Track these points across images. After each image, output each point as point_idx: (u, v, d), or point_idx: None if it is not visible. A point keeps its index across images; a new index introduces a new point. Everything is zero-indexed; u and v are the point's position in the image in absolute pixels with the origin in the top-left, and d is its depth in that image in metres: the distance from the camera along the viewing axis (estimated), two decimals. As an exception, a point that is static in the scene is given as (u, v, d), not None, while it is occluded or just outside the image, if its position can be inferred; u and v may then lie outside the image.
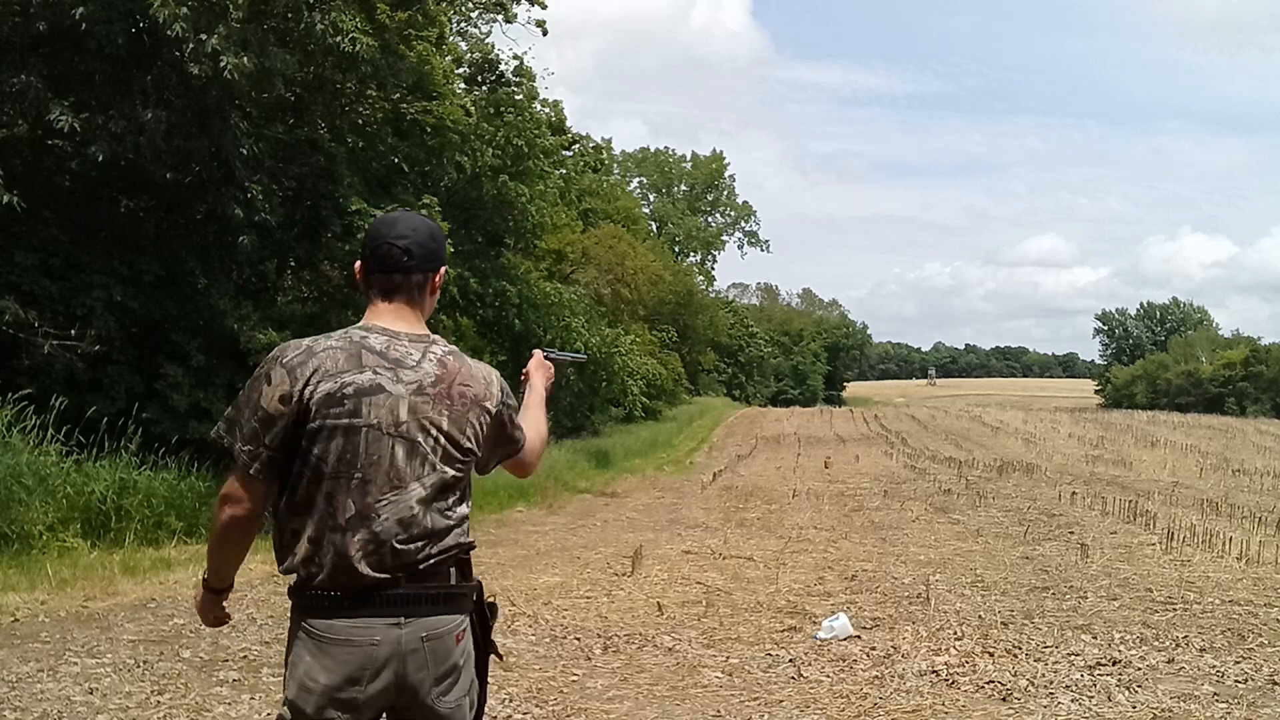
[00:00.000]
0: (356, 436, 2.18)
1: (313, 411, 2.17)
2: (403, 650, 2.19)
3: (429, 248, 2.33)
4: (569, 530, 11.43)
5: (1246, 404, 61.72)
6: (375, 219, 2.46)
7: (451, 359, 2.30)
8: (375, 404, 2.19)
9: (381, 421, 2.19)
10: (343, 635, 2.18)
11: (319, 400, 2.17)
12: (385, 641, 2.18)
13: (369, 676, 2.18)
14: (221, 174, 12.15)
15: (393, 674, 2.19)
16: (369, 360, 2.21)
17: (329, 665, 2.18)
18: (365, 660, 2.18)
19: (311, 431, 2.17)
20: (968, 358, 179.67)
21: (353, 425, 2.18)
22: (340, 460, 2.18)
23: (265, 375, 2.21)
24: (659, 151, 73.04)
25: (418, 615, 2.21)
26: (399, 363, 2.23)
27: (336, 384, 2.18)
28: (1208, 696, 5.02)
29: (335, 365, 2.20)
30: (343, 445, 2.17)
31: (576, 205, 33.89)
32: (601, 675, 5.53)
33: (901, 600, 7.42)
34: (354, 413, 2.18)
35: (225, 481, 2.28)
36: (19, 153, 11.54)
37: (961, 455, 22.55)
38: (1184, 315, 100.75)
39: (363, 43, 11.73)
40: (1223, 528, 10.85)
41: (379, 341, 2.25)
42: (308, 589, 2.22)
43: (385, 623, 2.19)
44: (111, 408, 10.68)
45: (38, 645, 5.81)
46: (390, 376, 2.21)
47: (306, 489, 2.20)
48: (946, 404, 58.45)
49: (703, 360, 54.66)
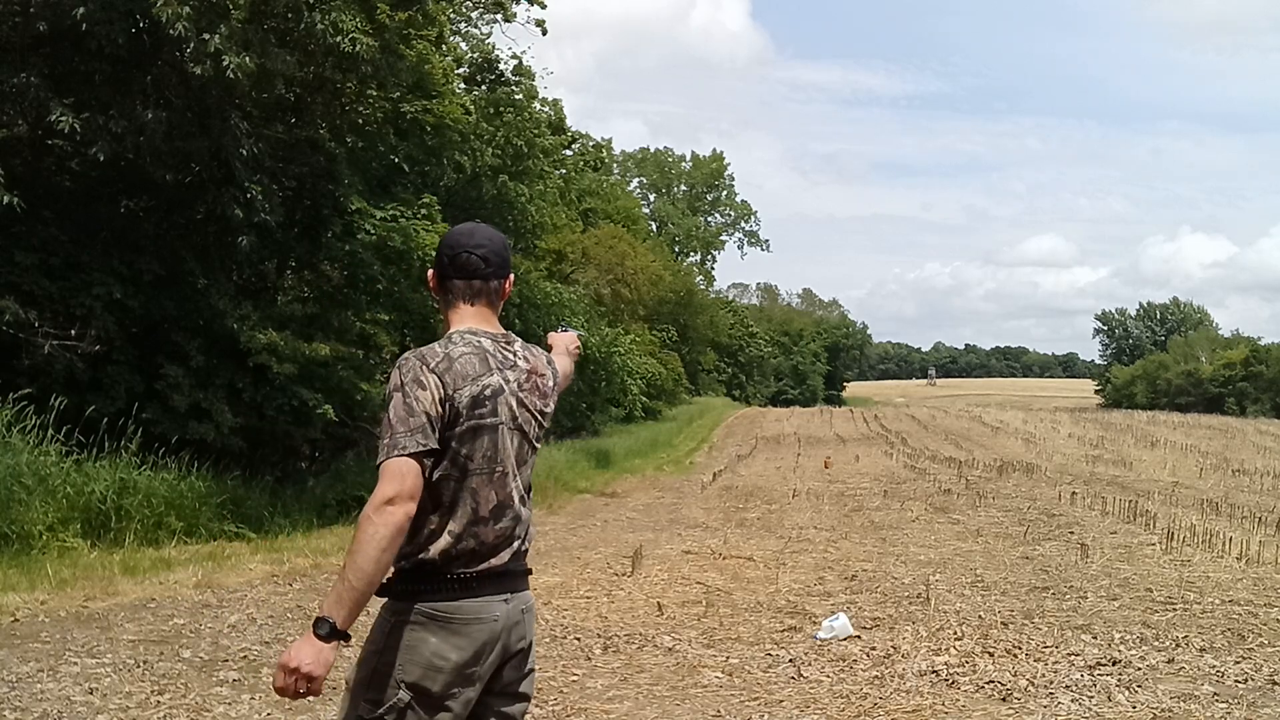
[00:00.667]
0: (496, 434, 2.38)
1: (462, 414, 2.32)
2: (509, 623, 2.40)
3: (502, 255, 2.52)
4: (569, 530, 11.42)
5: (1246, 404, 61.70)
6: (451, 230, 2.60)
7: (529, 354, 2.53)
8: (502, 402, 2.41)
9: (506, 418, 2.41)
10: (471, 614, 2.33)
11: (466, 403, 2.33)
12: (502, 617, 2.38)
13: (488, 651, 2.35)
14: (221, 174, 12.14)
15: (502, 646, 2.38)
16: (493, 363, 2.42)
17: (460, 644, 2.30)
18: (490, 636, 2.35)
19: (460, 433, 2.32)
20: (968, 358, 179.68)
21: (493, 424, 2.38)
22: (484, 457, 2.36)
23: (416, 381, 2.29)
24: (659, 151, 73.14)
25: (517, 590, 2.44)
26: (506, 363, 2.45)
27: (478, 387, 2.36)
28: (1208, 696, 5.02)
29: (473, 369, 2.37)
30: (486, 443, 2.37)
31: (576, 205, 33.89)
32: (601, 675, 5.53)
33: (901, 600, 7.42)
34: (493, 412, 2.38)
35: (383, 486, 2.21)
36: (19, 153, 11.53)
37: (961, 455, 22.55)
38: (1184, 315, 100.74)
39: (363, 43, 11.73)
40: (1223, 528, 10.84)
41: (489, 344, 2.44)
42: (435, 575, 2.31)
43: (499, 599, 2.38)
44: (111, 408, 10.67)
45: (38, 645, 5.81)
46: (503, 377, 2.43)
47: (452, 487, 2.33)
48: (946, 404, 58.46)
49: (703, 360, 54.68)
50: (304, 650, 2.18)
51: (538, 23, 18.86)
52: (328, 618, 2.17)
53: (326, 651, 2.17)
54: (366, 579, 2.17)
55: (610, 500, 15.38)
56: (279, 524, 11.23)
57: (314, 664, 2.17)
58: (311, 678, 2.18)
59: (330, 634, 2.18)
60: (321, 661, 2.17)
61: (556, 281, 24.59)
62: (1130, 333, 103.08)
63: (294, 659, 2.18)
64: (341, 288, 14.55)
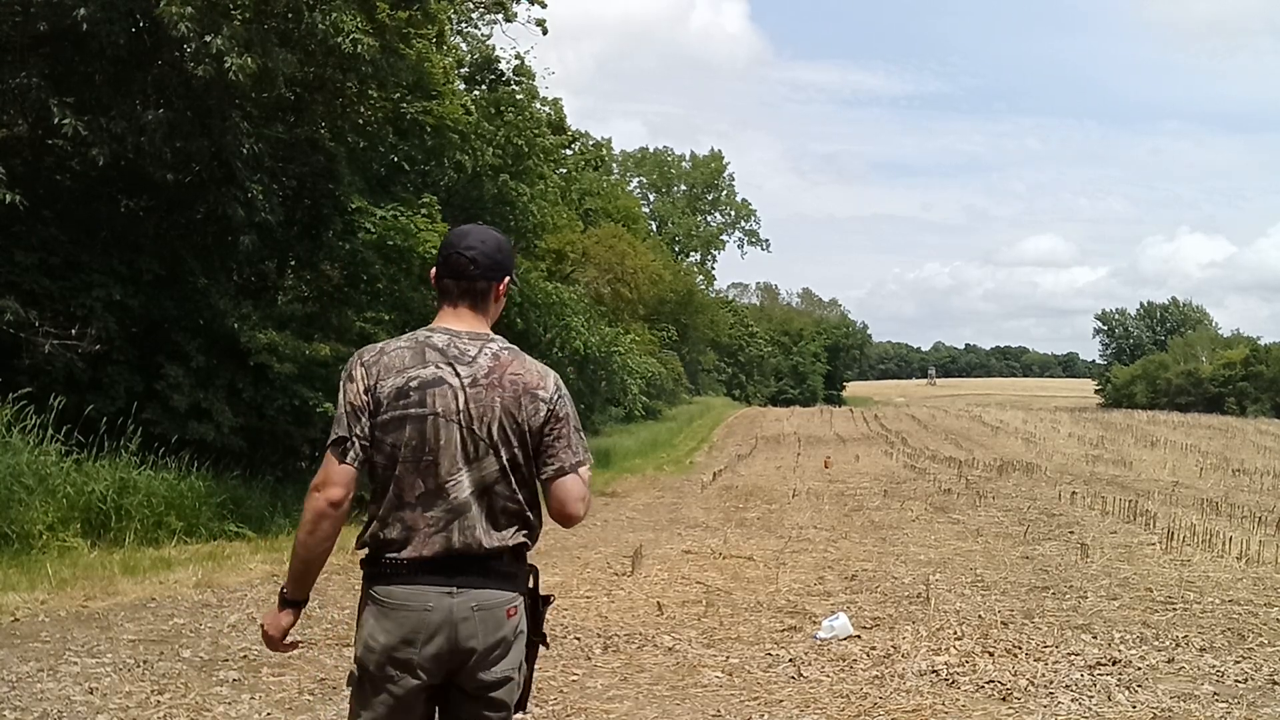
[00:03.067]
0: (423, 424, 2.43)
1: (384, 404, 2.44)
2: (454, 618, 2.40)
3: (494, 258, 2.55)
4: (569, 530, 11.42)
5: (1246, 404, 61.64)
6: (451, 229, 2.73)
7: (506, 354, 2.52)
8: (439, 395, 2.44)
9: (445, 410, 2.43)
10: (400, 600, 2.41)
11: (389, 394, 2.44)
12: (438, 608, 2.40)
13: (423, 639, 2.40)
14: (222, 174, 12.14)
15: (445, 639, 2.40)
16: (431, 357, 2.47)
17: (388, 628, 2.41)
18: (419, 624, 2.39)
19: (383, 422, 2.44)
20: (968, 357, 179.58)
21: (419, 415, 2.43)
22: (410, 446, 2.42)
23: (349, 374, 2.49)
24: (658, 151, 73.02)
25: (470, 587, 2.42)
26: (457, 359, 2.48)
27: (404, 379, 2.45)
28: (1208, 696, 5.02)
29: (403, 362, 2.47)
30: (412, 432, 2.43)
31: (577, 205, 33.88)
32: (601, 675, 5.53)
33: (901, 600, 7.42)
34: (420, 403, 2.43)
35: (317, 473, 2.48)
36: (19, 153, 11.52)
37: (961, 455, 22.55)
38: (1184, 315, 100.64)
39: (363, 43, 11.73)
40: (1223, 527, 10.85)
41: (441, 340, 2.50)
42: (376, 560, 2.46)
43: (439, 591, 2.40)
44: (111, 407, 10.67)
45: (38, 645, 5.81)
46: (450, 371, 2.46)
47: (381, 473, 2.45)
48: (946, 404, 58.45)
49: (703, 360, 54.70)
50: (267, 614, 2.57)
51: (538, 22, 18.87)
52: (283, 588, 2.54)
53: (280, 616, 2.53)
54: (299, 556, 2.49)
55: (610, 500, 15.37)
56: (279, 524, 11.23)
57: (268, 624, 2.55)
58: (268, 637, 2.56)
59: (282, 602, 2.53)
60: (272, 623, 2.54)
61: (556, 281, 24.57)
62: (1130, 332, 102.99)
63: (261, 619, 2.62)
64: (341, 287, 14.54)
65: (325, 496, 2.42)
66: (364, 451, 2.44)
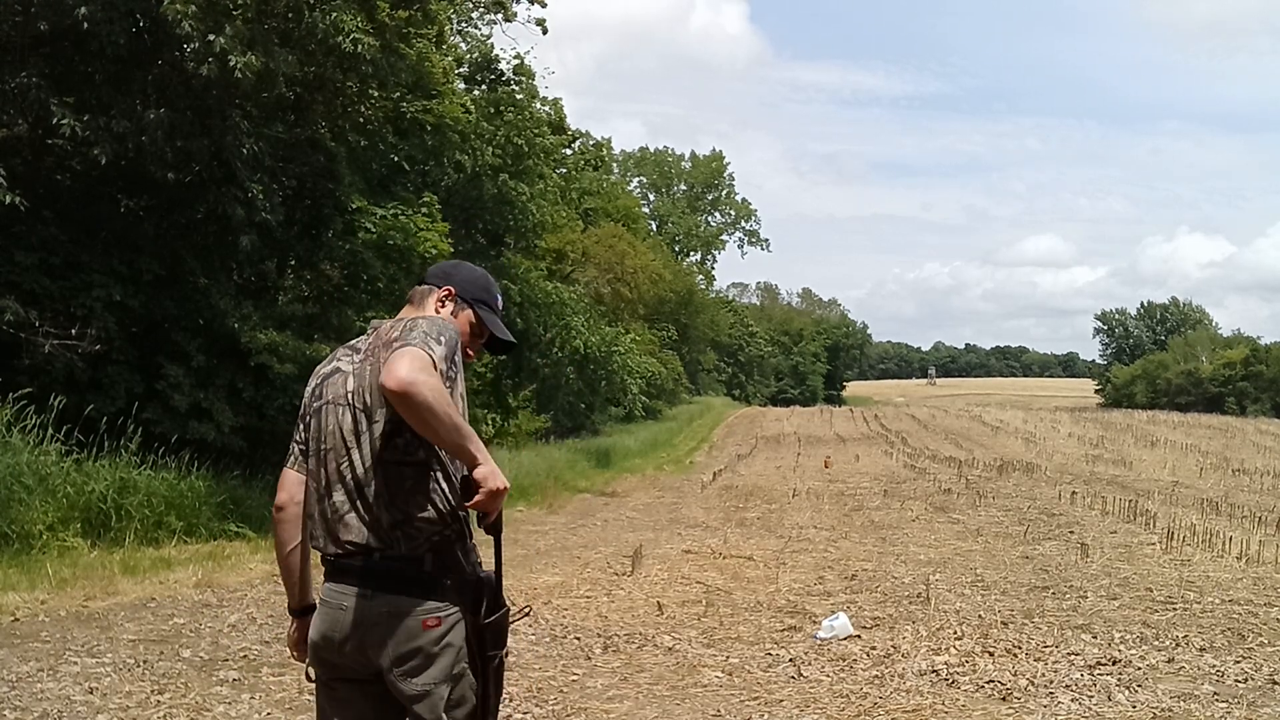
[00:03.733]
0: (320, 415, 2.46)
1: (307, 406, 2.52)
2: (366, 621, 2.35)
3: (445, 270, 2.64)
4: (569, 530, 11.44)
5: (1246, 404, 61.62)
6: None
7: (387, 322, 2.50)
8: (332, 384, 2.48)
9: (334, 396, 2.45)
10: (324, 596, 2.43)
11: (307, 396, 2.54)
12: (350, 608, 2.36)
13: (339, 639, 2.38)
14: (222, 173, 12.13)
15: (358, 642, 2.36)
16: (339, 353, 2.54)
17: (316, 623, 2.45)
18: (335, 623, 2.38)
19: (307, 423, 2.51)
20: (968, 357, 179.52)
21: (318, 407, 2.48)
22: (313, 440, 2.47)
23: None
24: (659, 151, 72.99)
25: (384, 591, 2.35)
26: (356, 348, 2.52)
27: (316, 380, 2.53)
28: (1208, 696, 5.02)
29: (321, 366, 2.56)
30: (313, 426, 2.47)
31: (576, 205, 33.87)
32: (601, 675, 5.53)
33: (901, 600, 7.42)
34: (319, 395, 2.49)
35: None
36: (19, 153, 11.52)
37: (961, 455, 22.55)
38: (1184, 315, 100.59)
39: (364, 43, 11.73)
40: (1223, 527, 10.85)
41: (360, 339, 2.55)
42: (320, 555, 2.47)
43: (354, 591, 2.37)
44: (111, 407, 10.67)
45: (38, 645, 5.81)
46: (348, 360, 2.49)
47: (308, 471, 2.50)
48: (946, 404, 58.43)
49: (703, 360, 54.67)
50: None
51: (538, 22, 18.86)
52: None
53: (290, 626, 2.64)
54: (280, 570, 2.59)
55: (610, 500, 15.38)
56: (279, 524, 11.22)
57: (287, 636, 2.69)
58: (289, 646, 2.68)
59: (290, 611, 2.63)
60: (287, 635, 2.68)
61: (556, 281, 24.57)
62: (1130, 332, 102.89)
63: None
64: (342, 287, 14.54)
65: (276, 506, 2.52)
66: (303, 455, 2.51)
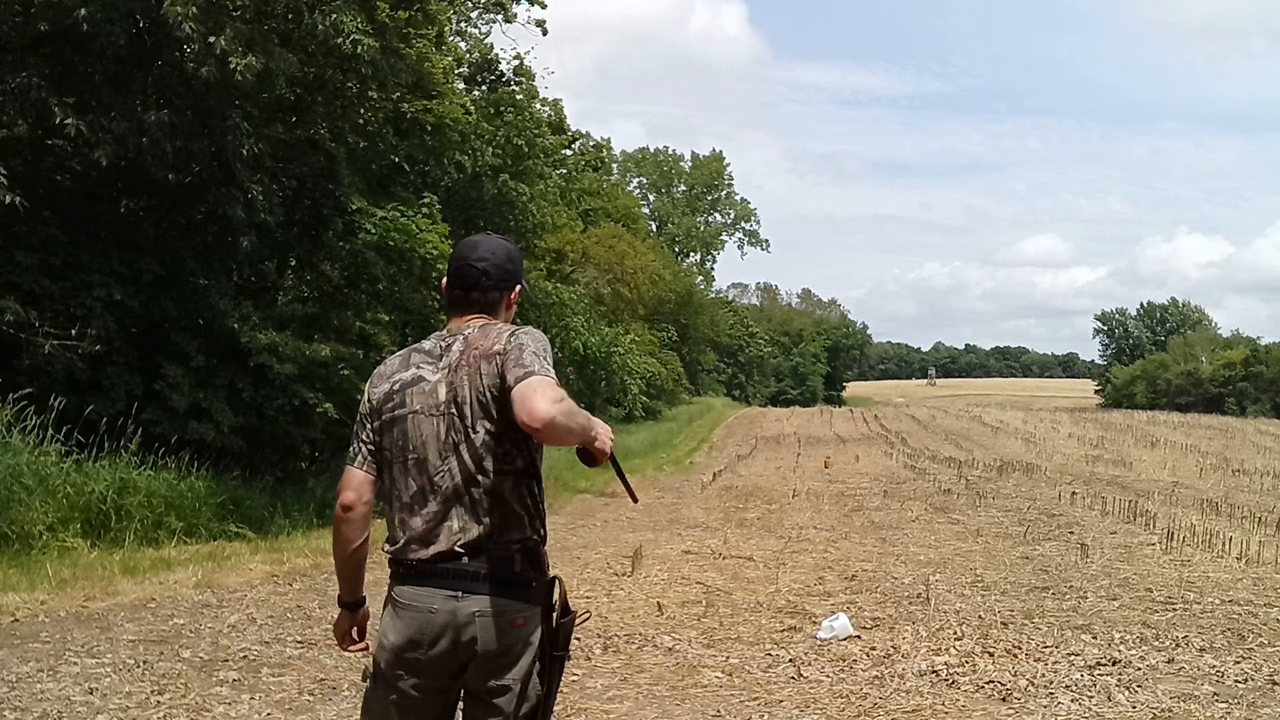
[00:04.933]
0: (405, 424, 2.49)
1: (379, 411, 2.54)
2: (458, 622, 2.42)
3: (505, 269, 2.61)
4: (569, 530, 11.43)
5: (1246, 404, 61.66)
6: (460, 242, 2.74)
7: (477, 331, 2.51)
8: (417, 393, 2.50)
9: (424, 406, 2.48)
10: (409, 600, 2.46)
11: (379, 400, 2.54)
12: (442, 611, 2.42)
13: (428, 641, 2.43)
14: (222, 174, 12.13)
15: (449, 643, 2.43)
16: (415, 359, 2.55)
17: (399, 627, 2.47)
18: (424, 626, 2.43)
19: (378, 427, 2.54)
20: (967, 358, 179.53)
21: (403, 415, 2.50)
22: (398, 447, 2.50)
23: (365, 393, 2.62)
24: (658, 151, 73.09)
25: (475, 592, 2.43)
26: (436, 355, 2.53)
27: (390, 384, 2.54)
28: (1208, 696, 5.02)
29: (391, 369, 2.57)
30: (398, 434, 2.50)
31: (576, 205, 33.89)
32: (601, 675, 5.53)
33: (901, 600, 7.42)
34: (401, 404, 2.51)
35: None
36: (19, 153, 11.51)
37: (961, 455, 22.54)
38: (1183, 315, 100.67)
39: (364, 43, 11.73)
40: (1223, 528, 10.84)
41: (429, 343, 2.57)
42: (393, 561, 2.53)
43: (444, 594, 2.43)
44: (111, 408, 10.67)
45: (38, 645, 5.81)
46: (431, 368, 2.51)
47: (384, 479, 2.55)
48: (946, 404, 58.42)
49: (703, 360, 54.68)
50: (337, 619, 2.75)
51: (538, 23, 18.88)
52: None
53: (339, 619, 2.72)
54: (337, 565, 2.65)
55: (610, 500, 15.36)
56: (279, 524, 11.23)
57: (334, 627, 2.76)
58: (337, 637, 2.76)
59: (340, 603, 2.71)
60: (335, 627, 2.75)
61: (556, 281, 24.59)
62: (1130, 333, 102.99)
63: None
64: (342, 287, 14.55)
65: (339, 502, 2.55)
66: (371, 456, 2.54)
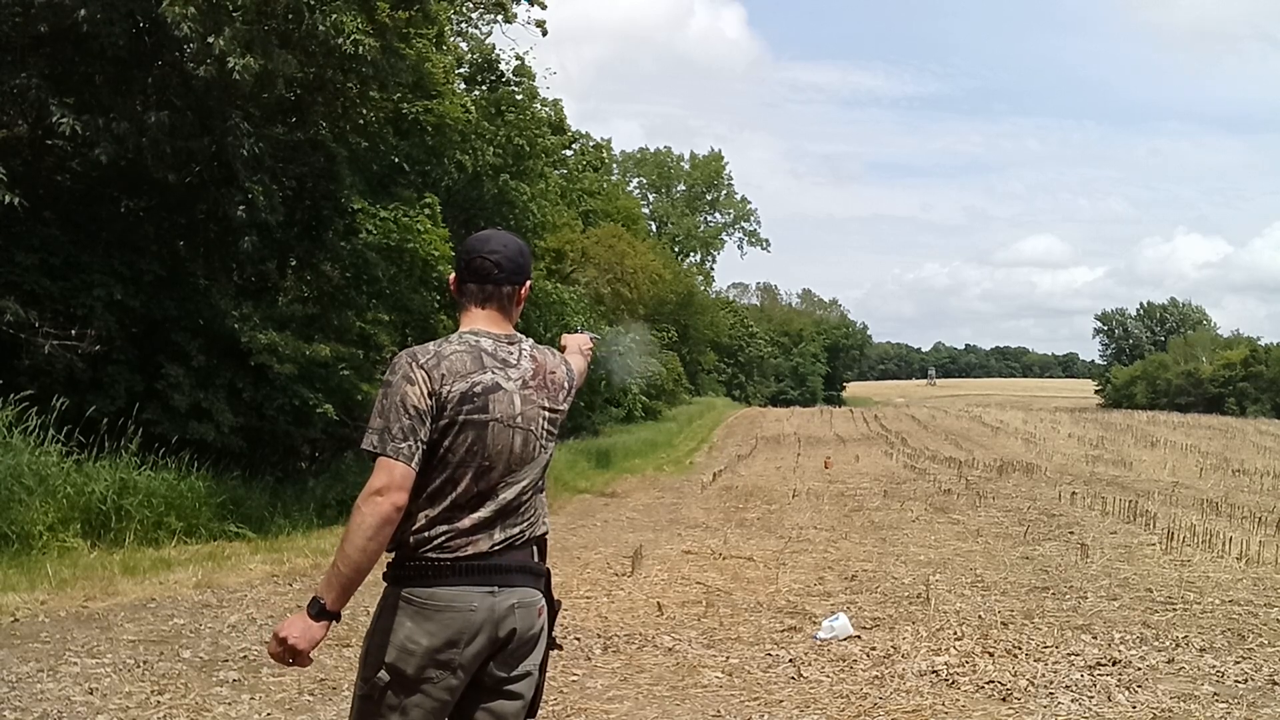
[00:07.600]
0: (485, 430, 2.45)
1: (448, 408, 2.42)
2: (496, 616, 2.43)
3: (516, 262, 2.60)
4: (569, 530, 11.42)
5: (1246, 404, 61.70)
6: (471, 235, 2.74)
7: (537, 353, 2.62)
8: (497, 401, 2.48)
9: (504, 415, 2.48)
10: (445, 602, 2.40)
11: (455, 398, 2.43)
12: (481, 608, 2.41)
13: (466, 640, 2.40)
14: (222, 174, 12.14)
15: (486, 638, 2.42)
16: (488, 362, 2.51)
17: (431, 629, 2.38)
18: (464, 625, 2.40)
19: (444, 426, 2.42)
20: (967, 358, 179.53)
21: (482, 420, 2.45)
22: (469, 450, 2.43)
23: (405, 376, 2.42)
24: (658, 151, 73.00)
25: (510, 585, 2.46)
26: (506, 362, 2.53)
27: (468, 384, 2.45)
28: (1208, 696, 5.02)
29: (464, 367, 2.47)
30: (473, 438, 2.43)
31: (577, 205, 33.89)
32: (601, 675, 5.53)
33: (901, 600, 7.42)
34: (483, 409, 2.45)
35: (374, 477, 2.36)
36: (19, 153, 11.52)
37: (961, 455, 22.55)
38: (1183, 315, 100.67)
39: (364, 44, 11.73)
40: (1223, 528, 10.84)
41: (488, 344, 2.53)
42: (411, 561, 2.42)
43: (481, 591, 2.42)
44: (111, 408, 10.67)
45: (38, 645, 5.81)
46: (503, 375, 2.51)
47: (434, 476, 2.42)
48: (946, 404, 58.43)
49: (703, 360, 54.68)
50: (295, 624, 2.36)
51: (538, 23, 18.86)
52: (320, 598, 2.36)
53: (314, 629, 2.35)
54: (354, 565, 2.33)
55: (610, 500, 15.37)
56: (279, 524, 11.23)
57: (300, 638, 2.34)
58: (296, 651, 2.35)
59: (320, 614, 2.35)
60: (307, 637, 2.34)
61: (556, 280, 24.58)
62: (1130, 333, 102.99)
63: (285, 630, 2.36)
64: (342, 288, 14.55)
65: (392, 502, 2.33)
66: (421, 454, 2.40)
